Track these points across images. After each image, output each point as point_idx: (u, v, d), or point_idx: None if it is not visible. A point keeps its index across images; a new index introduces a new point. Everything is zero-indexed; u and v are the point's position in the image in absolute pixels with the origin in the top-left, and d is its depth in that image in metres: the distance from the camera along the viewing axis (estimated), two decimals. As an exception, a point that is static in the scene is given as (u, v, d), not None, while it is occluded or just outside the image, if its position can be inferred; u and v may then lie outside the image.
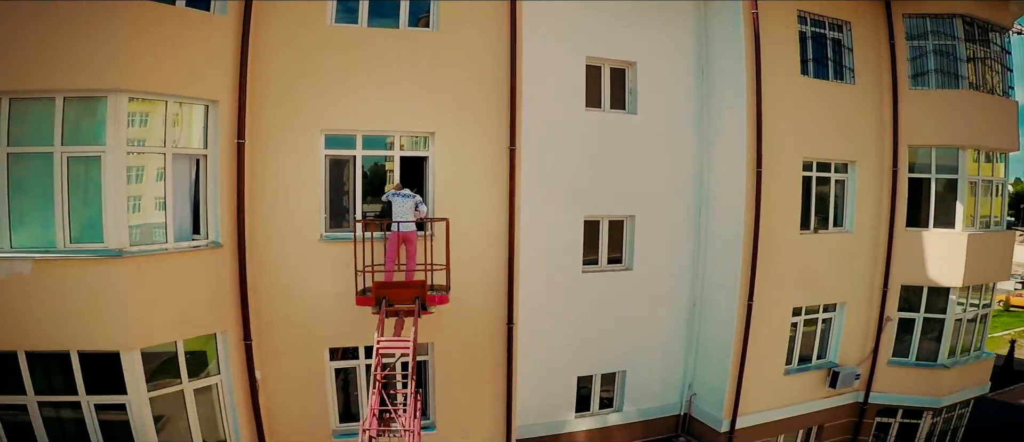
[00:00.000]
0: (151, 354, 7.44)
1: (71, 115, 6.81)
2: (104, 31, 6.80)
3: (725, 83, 11.60)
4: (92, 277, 6.90)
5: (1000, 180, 13.84)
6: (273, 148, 8.11)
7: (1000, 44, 13.85)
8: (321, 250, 8.47)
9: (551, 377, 11.26)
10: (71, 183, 6.85)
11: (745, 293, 11.19)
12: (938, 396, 13.39)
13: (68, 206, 6.84)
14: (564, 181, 10.88)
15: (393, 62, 8.63)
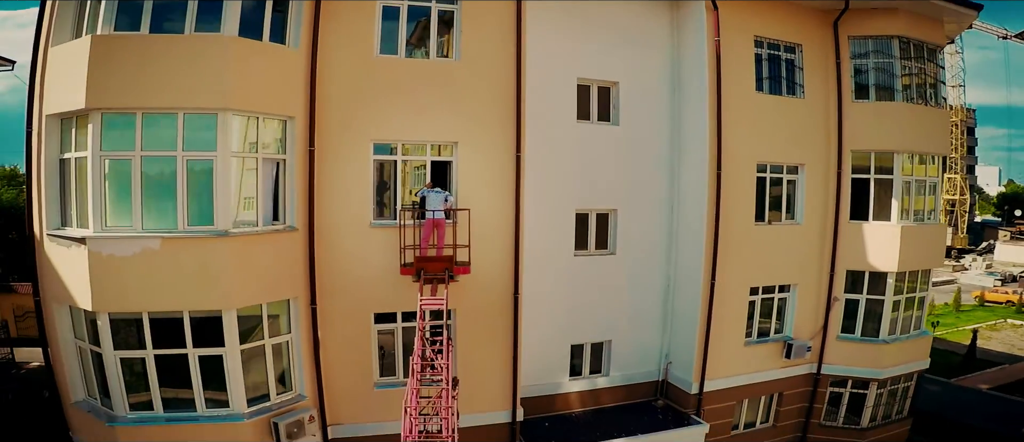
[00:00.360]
0: (241, 317, 9.90)
1: (189, 127, 9.32)
2: (214, 62, 9.34)
3: (692, 99, 14.30)
4: (204, 251, 9.39)
5: (933, 179, 16.58)
6: (334, 154, 10.69)
7: (934, 61, 16.64)
8: (370, 234, 11.06)
9: (548, 345, 13.87)
10: (189, 179, 9.34)
11: (708, 274, 13.88)
12: (881, 368, 16.08)
13: (186, 197, 9.33)
14: (559, 180, 13.52)
15: (425, 85, 11.25)
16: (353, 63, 10.83)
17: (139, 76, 9.06)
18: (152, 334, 9.48)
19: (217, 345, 9.70)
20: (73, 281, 9.38)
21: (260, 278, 9.94)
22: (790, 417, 16.59)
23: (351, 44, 10.82)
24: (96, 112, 8.97)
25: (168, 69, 9.10)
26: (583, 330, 14.35)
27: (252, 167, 9.86)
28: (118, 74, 8.95)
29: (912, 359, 16.75)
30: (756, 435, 16.27)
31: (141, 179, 9.21)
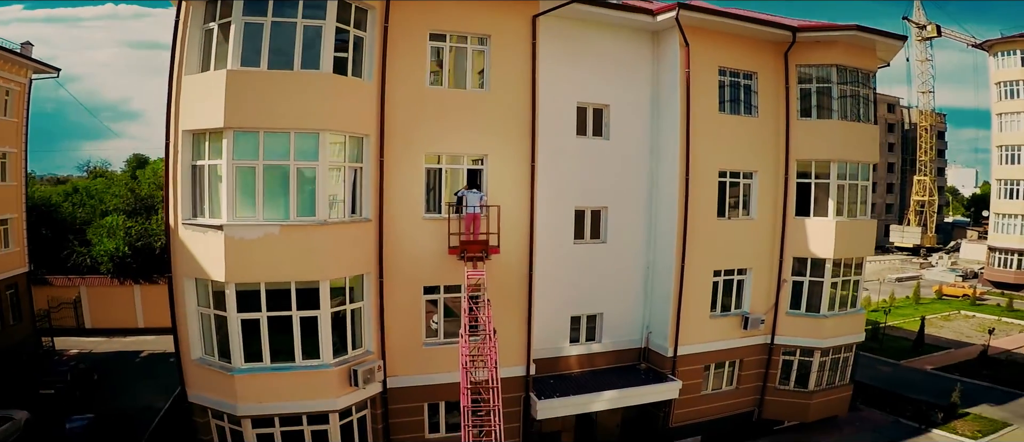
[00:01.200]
0: (331, 288, 13.97)
1: (298, 142, 13.38)
2: (317, 93, 13.45)
3: (668, 118, 18.90)
4: (309, 236, 13.48)
5: (865, 183, 21.43)
6: (397, 163, 14.93)
7: (866, 84, 21.49)
8: (422, 224, 15.35)
9: (552, 315, 18.31)
10: (298, 182, 13.42)
11: (679, 260, 18.50)
12: (822, 338, 20.94)
13: (296, 195, 13.39)
14: (562, 184, 17.94)
15: (463, 110, 15.58)
16: (410, 93, 15.10)
17: (262, 103, 13.10)
18: (266, 299, 13.50)
19: (313, 309, 13.78)
20: (207, 259, 13.37)
21: (345, 257, 14.10)
22: (750, 381, 21.39)
23: (408, 78, 15.08)
24: (230, 130, 12.98)
25: (283, 98, 13.17)
26: (580, 304, 18.86)
27: (340, 172, 13.99)
28: (247, 101, 12.98)
29: (849, 332, 21.67)
30: (722, 395, 21.03)
31: (263, 181, 13.25)
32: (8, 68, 27.87)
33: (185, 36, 13.82)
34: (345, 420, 14.81)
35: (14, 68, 28.41)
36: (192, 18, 13.79)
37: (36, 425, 20.78)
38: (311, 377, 13.97)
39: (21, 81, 29.30)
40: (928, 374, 30.76)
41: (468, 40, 16.05)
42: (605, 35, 18.65)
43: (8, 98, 28.23)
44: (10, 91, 28.38)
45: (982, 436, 22.77)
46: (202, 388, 14.34)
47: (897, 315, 43.50)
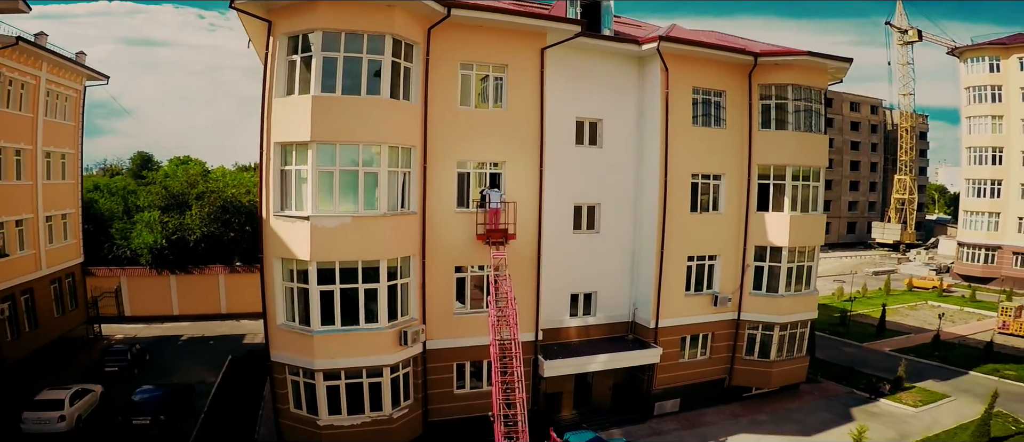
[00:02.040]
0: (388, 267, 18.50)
1: (364, 153, 17.92)
2: (378, 114, 18.00)
3: (650, 130, 23.62)
4: (373, 225, 18.06)
5: (816, 184, 26.17)
6: (435, 169, 19.57)
7: (818, 99, 26.24)
8: (454, 216, 20.01)
9: (556, 293, 23.00)
10: (364, 183, 17.96)
11: (659, 247, 23.27)
12: (780, 315, 25.73)
13: (363, 193, 17.94)
14: (564, 184, 22.60)
15: (487, 125, 20.26)
16: (446, 112, 19.72)
17: (338, 121, 17.62)
18: (340, 275, 18.03)
19: (374, 282, 18.33)
20: (294, 243, 17.88)
21: (398, 241, 18.69)
22: (721, 352, 26.18)
23: (444, 100, 19.73)
24: (314, 143, 17.49)
25: (354, 118, 17.70)
26: (578, 284, 23.62)
27: (394, 175, 18.56)
28: (327, 120, 17.50)
29: (804, 310, 26.49)
30: (697, 364, 25.80)
31: (338, 182, 17.78)
32: (65, 75, 32.15)
33: (274, 66, 18.31)
34: (394, 374, 19.35)
35: (71, 75, 32.71)
36: (279, 51, 18.27)
37: (108, 397, 25.07)
38: (371, 337, 18.52)
39: (77, 88, 33.64)
40: (886, 355, 35.64)
41: (490, 68, 20.75)
42: (599, 61, 23.36)
43: (66, 104, 32.53)
44: (68, 97, 32.67)
45: (922, 404, 27.50)
46: (284, 348, 18.83)
47: (867, 304, 48.66)
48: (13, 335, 26.90)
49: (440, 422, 21.26)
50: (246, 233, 38.89)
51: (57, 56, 30.58)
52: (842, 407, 26.96)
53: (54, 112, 31.26)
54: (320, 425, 18.61)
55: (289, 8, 17.89)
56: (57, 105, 31.63)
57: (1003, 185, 59.65)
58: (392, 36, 18.13)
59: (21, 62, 27.92)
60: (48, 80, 30.43)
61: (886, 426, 24.94)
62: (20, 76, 28.10)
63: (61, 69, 31.50)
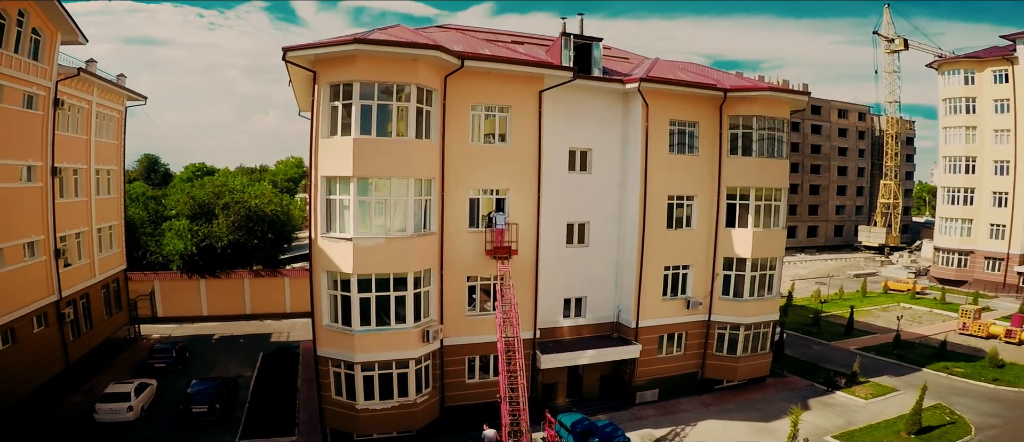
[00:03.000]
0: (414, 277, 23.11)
1: (394, 185, 22.50)
2: (406, 153, 22.58)
3: (632, 158, 28.29)
4: (403, 244, 22.71)
5: (777, 203, 30.82)
6: (451, 195, 24.25)
7: (780, 128, 30.84)
8: (467, 234, 24.72)
9: (551, 298, 27.71)
10: (391, 210, 22.55)
11: (639, 258, 28.02)
12: (745, 317, 30.43)
13: (395, 219, 22.54)
14: (559, 205, 27.25)
15: (493, 159, 24.91)
16: (459, 148, 24.36)
17: (374, 159, 22.19)
18: (375, 285, 22.61)
19: (403, 290, 22.93)
20: (339, 259, 22.45)
21: (422, 257, 23.31)
22: (694, 349, 30.86)
23: (458, 137, 24.37)
24: (355, 178, 22.04)
25: (387, 156, 22.29)
26: (570, 290, 28.30)
27: (419, 202, 23.16)
28: (365, 158, 22.07)
29: (766, 312, 31.17)
30: (673, 359, 30.50)
31: (374, 210, 22.37)
32: (111, 98, 36.62)
33: (319, 110, 22.82)
34: (418, 366, 23.97)
35: (115, 97, 37.21)
36: (323, 97, 22.76)
37: (159, 390, 29.55)
38: (401, 335, 23.14)
39: (119, 108, 38.13)
40: (850, 353, 40.16)
41: (496, 109, 25.39)
42: (589, 97, 27.98)
43: (111, 124, 37.01)
44: (111, 118, 37.12)
45: (872, 397, 32.04)
46: (329, 345, 23.41)
47: (842, 306, 53.37)
48: (74, 335, 31.39)
49: (454, 407, 25.97)
50: (268, 240, 43.53)
51: (105, 81, 35.05)
52: (801, 398, 31.57)
53: (102, 132, 35.73)
54: (358, 409, 23.26)
55: (332, 61, 22.43)
56: (104, 126, 36.11)
57: (976, 193, 64.50)
58: (416, 85, 22.73)
59: (78, 89, 32.37)
60: (98, 103, 34.91)
61: (836, 415, 29.60)
62: (78, 102, 32.57)
63: (108, 92, 35.96)
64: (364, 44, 21.61)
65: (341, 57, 22.15)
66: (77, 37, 31.04)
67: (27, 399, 26.59)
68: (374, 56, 22.04)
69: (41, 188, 28.73)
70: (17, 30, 26.66)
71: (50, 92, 29.43)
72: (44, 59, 28.96)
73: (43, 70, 28.85)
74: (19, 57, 26.78)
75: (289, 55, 22.31)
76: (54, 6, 28.38)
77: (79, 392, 29.64)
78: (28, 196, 27.87)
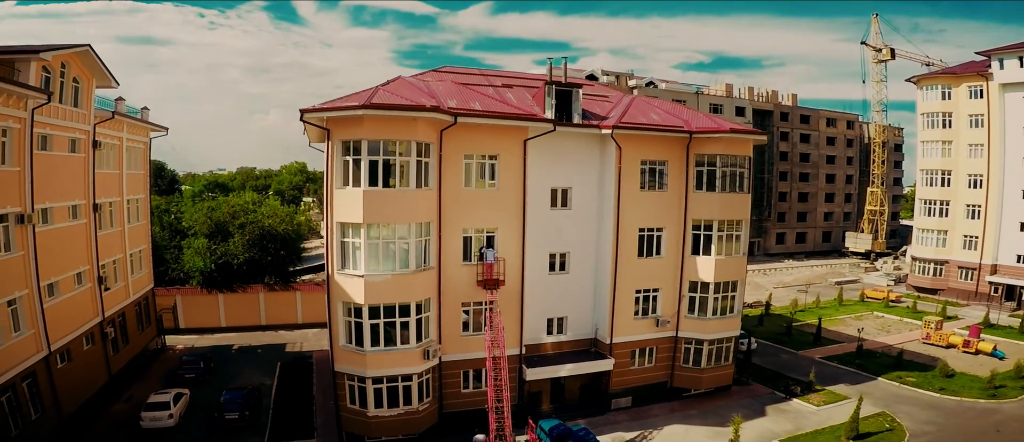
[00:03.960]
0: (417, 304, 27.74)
1: (398, 229, 27.12)
2: (410, 201, 27.21)
3: (607, 194, 32.93)
4: (407, 278, 27.36)
5: (738, 233, 35.35)
6: (447, 234, 28.99)
7: (742, 165, 35.32)
8: (461, 268, 29.48)
9: (536, 318, 32.47)
10: (396, 249, 27.19)
11: (612, 283, 32.71)
12: (708, 334, 35.09)
13: (398, 256, 27.18)
14: (542, 238, 31.95)
15: (484, 201, 29.65)
16: (454, 193, 28.99)
17: (381, 207, 26.81)
18: (383, 312, 27.24)
19: (406, 317, 27.58)
20: (353, 292, 27.08)
21: (422, 288, 27.96)
22: (663, 361, 35.53)
23: (453, 184, 28.98)
24: (365, 224, 26.64)
25: (392, 204, 26.91)
26: (553, 310, 33.03)
27: (419, 243, 27.77)
28: (373, 207, 26.67)
29: (727, 330, 35.79)
30: (644, 370, 35.19)
31: (382, 250, 26.99)
32: (137, 132, 41.23)
33: (332, 162, 27.38)
34: (420, 380, 28.63)
35: (141, 131, 41.81)
36: (336, 151, 27.26)
37: (191, 398, 34.20)
38: (405, 354, 27.81)
39: (144, 140, 42.76)
40: (815, 361, 44.60)
41: (486, 157, 29.96)
42: (570, 141, 32.50)
43: (138, 156, 41.62)
44: (138, 150, 41.72)
45: (824, 404, 36.38)
46: (345, 362, 28.07)
47: (816, 314, 57.84)
48: (115, 351, 36.08)
49: (451, 413, 30.70)
50: (281, 257, 48.20)
51: (133, 119, 39.64)
52: (760, 405, 36.22)
53: (131, 165, 40.33)
54: (369, 416, 27.97)
55: (342, 121, 26.93)
56: (133, 158, 40.71)
57: (951, 205, 68.95)
58: (416, 141, 27.29)
59: (111, 128, 36.94)
60: (127, 139, 39.51)
61: (788, 420, 34.16)
62: (111, 140, 37.17)
63: (135, 128, 40.55)
64: (370, 109, 26.09)
65: (351, 118, 26.67)
66: (110, 81, 35.48)
67: (79, 409, 31.27)
68: (379, 118, 26.54)
69: (85, 224, 33.38)
70: (61, 81, 31.05)
71: (90, 135, 34.01)
72: (83, 105, 33.40)
73: (83, 115, 33.34)
74: (64, 106, 31.17)
75: (306, 116, 26.92)
76: (90, 56, 32.89)
77: (121, 400, 34.40)
78: (76, 232, 32.51)
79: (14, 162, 26.45)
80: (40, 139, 28.73)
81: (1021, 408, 35.90)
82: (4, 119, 25.59)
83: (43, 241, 28.20)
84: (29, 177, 27.19)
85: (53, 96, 29.07)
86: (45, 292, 28.38)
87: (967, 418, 34.72)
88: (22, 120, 26.85)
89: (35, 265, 27.39)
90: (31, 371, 26.90)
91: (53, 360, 28.69)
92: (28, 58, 27.62)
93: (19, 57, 27.55)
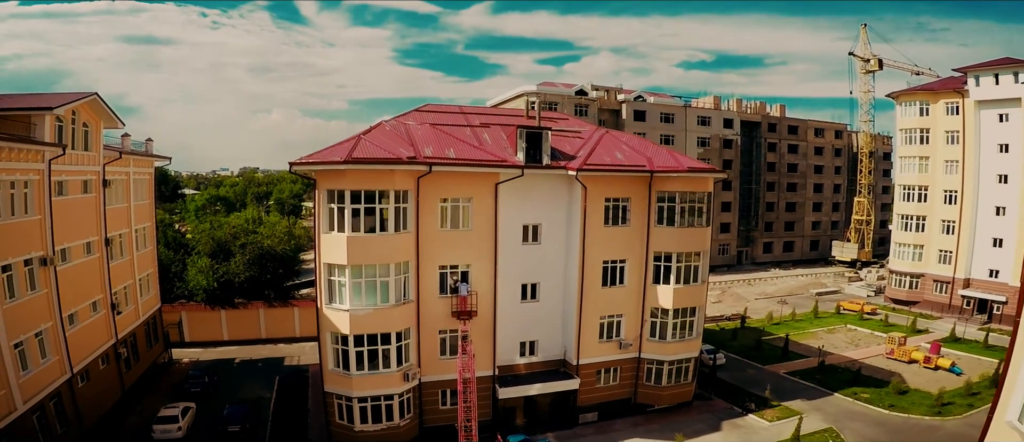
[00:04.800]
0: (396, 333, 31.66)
1: (379, 269, 31.00)
2: (392, 244, 31.06)
3: (574, 230, 36.79)
4: (388, 311, 31.29)
5: (696, 264, 39.04)
6: (425, 271, 32.98)
7: (700, 200, 39.01)
8: (437, 300, 33.53)
9: (510, 341, 36.47)
10: (383, 286, 31.07)
11: (578, 310, 36.57)
12: (667, 355, 38.93)
13: (380, 292, 31.09)
14: (515, 269, 35.89)
15: (458, 240, 33.66)
16: (431, 234, 32.93)
17: (364, 251, 30.71)
18: (367, 341, 31.16)
19: (388, 345, 31.53)
20: (339, 323, 31.07)
21: (402, 320, 31.94)
22: (627, 380, 39.39)
23: (430, 226, 32.91)
24: (350, 265, 30.51)
25: (373, 248, 30.82)
26: (525, 335, 36.97)
27: (399, 279, 31.64)
28: (357, 250, 30.56)
29: (686, 351, 39.58)
30: (609, 388, 39.07)
31: (365, 287, 30.87)
32: (143, 165, 45.21)
33: (320, 210, 31.24)
34: (401, 399, 32.57)
35: (144, 163, 45.78)
36: (322, 200, 31.08)
37: (197, 411, 38.21)
38: (387, 377, 31.75)
39: (149, 171, 46.72)
40: (779, 376, 47.99)
41: (460, 200, 33.76)
42: (539, 181, 36.24)
43: (143, 187, 45.60)
44: (143, 181, 45.70)
45: (776, 420, 39.84)
46: (334, 384, 32.05)
47: (791, 327, 61.38)
48: (127, 368, 40.16)
49: (430, 427, 34.68)
50: (279, 275, 52.17)
51: (138, 154, 43.63)
52: (717, 420, 39.92)
53: (138, 196, 44.31)
54: (355, 430, 31.97)
55: (328, 173, 30.72)
56: (139, 190, 44.70)
57: (927, 221, 72.21)
58: (394, 190, 31.12)
59: (119, 165, 40.87)
60: (134, 173, 43.47)
61: (739, 435, 37.83)
62: (119, 176, 41.12)
63: (140, 161, 44.53)
64: (352, 164, 29.83)
65: (335, 171, 30.45)
66: (115, 123, 39.35)
67: (98, 424, 35.31)
68: (360, 170, 30.34)
69: (99, 257, 37.40)
70: (72, 127, 34.76)
71: (100, 175, 37.96)
72: (92, 147, 37.27)
73: (93, 157, 37.28)
74: (77, 152, 34.90)
75: (294, 168, 30.85)
76: (98, 103, 36.72)
77: (134, 413, 38.47)
78: (91, 266, 36.55)
79: (36, 211, 30.40)
80: (57, 186, 32.63)
81: (963, 426, 38.63)
82: (25, 173, 29.47)
83: (63, 277, 32.22)
84: (49, 223, 31.17)
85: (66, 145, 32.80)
86: (66, 322, 32.46)
87: (910, 435, 37.63)
88: (41, 172, 30.71)
89: (57, 299, 31.42)
90: (57, 392, 30.97)
91: (75, 381, 32.76)
92: (43, 114, 31.34)
93: (35, 113, 31.29)
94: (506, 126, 39.97)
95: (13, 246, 28.11)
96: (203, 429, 36.36)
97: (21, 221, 28.99)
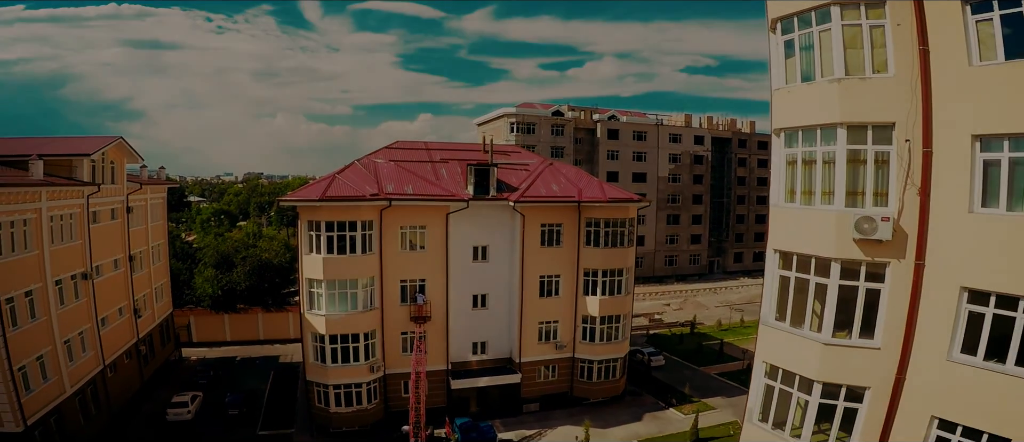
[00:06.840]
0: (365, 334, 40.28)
1: (350, 283, 39.69)
2: (359, 264, 39.71)
3: (516, 250, 45.47)
4: (356, 317, 40.02)
5: (620, 279, 47.44)
6: (388, 284, 41.77)
7: (623, 225, 47.35)
8: (399, 308, 42.42)
9: (462, 342, 45.26)
10: (351, 296, 39.77)
11: (519, 317, 45.31)
12: (597, 356, 47.56)
13: (350, 300, 39.75)
14: (466, 284, 44.66)
15: (415, 260, 42.54)
16: (392, 255, 41.75)
17: (339, 269, 39.48)
18: (340, 339, 39.80)
19: (357, 343, 40.26)
20: (317, 326, 39.75)
21: (369, 323, 40.76)
22: (564, 376, 48.01)
23: (391, 249, 41.65)
24: (325, 280, 39.16)
25: (346, 267, 39.54)
26: (476, 336, 45.79)
27: (366, 290, 40.35)
28: (331, 269, 39.33)
29: (614, 353, 48.06)
30: (549, 382, 47.68)
31: (338, 297, 39.51)
32: (157, 190, 54.09)
33: (301, 236, 39.93)
34: (368, 387, 41.20)
35: (160, 189, 54.66)
36: (304, 228, 39.76)
37: (204, 398, 46.96)
38: (356, 369, 40.41)
39: (162, 195, 55.63)
40: (711, 377, 56.05)
41: (417, 228, 42.37)
42: (487, 209, 44.78)
43: (158, 209, 54.48)
44: (158, 203, 54.58)
45: (693, 413, 47.88)
46: (314, 375, 40.75)
47: (737, 333, 69.41)
48: (145, 363, 49.04)
49: (395, 411, 43.26)
50: (276, 284, 61.02)
51: (155, 183, 52.54)
52: (641, 412, 48.08)
53: (154, 217, 53.19)
54: (331, 412, 40.72)
55: (307, 208, 39.44)
56: (154, 213, 53.59)
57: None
58: (361, 220, 39.83)
59: (140, 194, 49.74)
60: (150, 198, 52.36)
61: (656, 425, 45.74)
62: (139, 203, 50.00)
63: (155, 188, 53.40)
64: (326, 201, 38.72)
65: (312, 206, 39.13)
66: (137, 159, 48.34)
67: (122, 408, 44.10)
68: (332, 206, 39.07)
69: (124, 272, 46.29)
70: (102, 166, 43.65)
71: (124, 204, 46.85)
72: (118, 180, 46.21)
73: (119, 190, 46.19)
74: (106, 186, 43.87)
75: (280, 202, 39.72)
76: (123, 145, 45.67)
77: (151, 401, 47.28)
78: (118, 279, 45.50)
79: (78, 237, 39.33)
80: (92, 215, 41.53)
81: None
82: (70, 207, 38.41)
83: (98, 289, 41.10)
84: (88, 246, 40.09)
85: (100, 183, 41.70)
86: (100, 324, 41.31)
87: (804, 422, 46.40)
88: (81, 205, 39.66)
89: (94, 306, 40.30)
90: (92, 380, 39.84)
91: (106, 372, 41.62)
92: (82, 159, 40.22)
93: (75, 159, 40.17)
94: (463, 161, 48.57)
95: (63, 265, 37.01)
96: (208, 413, 45.11)
97: (70, 246, 37.93)
